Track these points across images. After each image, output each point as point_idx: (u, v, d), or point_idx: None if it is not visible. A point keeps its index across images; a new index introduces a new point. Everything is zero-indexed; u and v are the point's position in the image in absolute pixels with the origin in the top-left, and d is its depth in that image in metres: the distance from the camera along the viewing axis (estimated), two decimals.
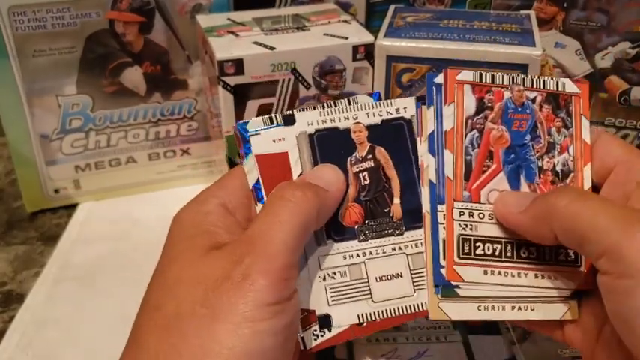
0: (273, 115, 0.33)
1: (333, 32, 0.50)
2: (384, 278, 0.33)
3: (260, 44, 0.48)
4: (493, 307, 0.33)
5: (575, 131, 0.34)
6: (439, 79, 0.33)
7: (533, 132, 0.34)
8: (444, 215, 0.33)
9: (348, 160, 0.33)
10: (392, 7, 0.54)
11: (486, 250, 0.33)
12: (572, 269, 0.33)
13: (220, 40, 0.49)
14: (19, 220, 0.57)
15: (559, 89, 0.34)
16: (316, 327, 0.32)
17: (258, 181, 0.33)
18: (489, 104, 0.33)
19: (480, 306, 0.33)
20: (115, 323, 0.45)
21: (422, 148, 0.33)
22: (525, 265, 0.33)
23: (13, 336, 0.44)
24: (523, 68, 0.44)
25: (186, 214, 0.32)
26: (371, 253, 0.33)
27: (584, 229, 0.27)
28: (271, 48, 0.48)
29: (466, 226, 0.33)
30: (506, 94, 0.33)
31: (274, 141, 0.33)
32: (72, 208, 0.58)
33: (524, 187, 0.33)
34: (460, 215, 0.33)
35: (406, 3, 0.60)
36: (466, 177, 0.33)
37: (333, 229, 0.33)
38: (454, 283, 0.32)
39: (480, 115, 0.33)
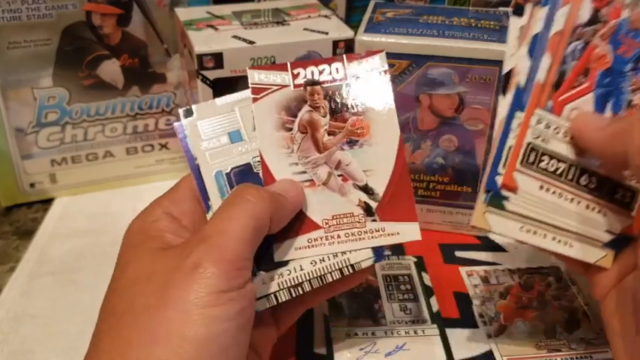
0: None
1: (313, 27, 0.50)
2: None
3: (240, 38, 0.48)
4: (535, 232, 0.33)
5: None
6: None
7: (637, 62, 0.33)
8: (520, 123, 0.32)
9: None
10: (372, 3, 0.54)
11: (549, 167, 0.33)
12: (623, 211, 0.33)
13: (199, 33, 0.48)
14: None
15: None
16: None
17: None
18: (604, 18, 0.32)
19: (522, 227, 0.33)
20: (92, 319, 0.44)
21: (521, 50, 0.33)
22: (581, 193, 0.33)
23: None
24: (501, 65, 0.45)
25: (134, 224, 0.33)
26: None
27: None
28: (251, 42, 0.47)
29: (539, 136, 0.33)
30: (625, 13, 0.33)
31: None
32: (48, 202, 0.57)
33: (608, 114, 0.33)
34: (537, 122, 0.32)
35: None
36: (556, 86, 0.32)
37: None
38: (505, 194, 0.32)
39: (591, 27, 0.32)
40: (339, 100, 0.36)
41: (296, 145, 0.36)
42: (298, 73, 0.36)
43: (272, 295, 0.33)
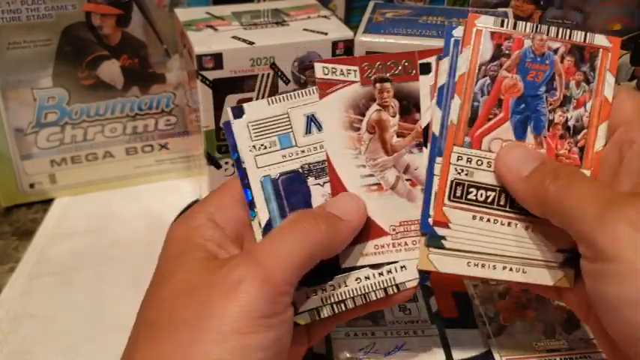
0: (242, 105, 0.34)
1: (312, 27, 0.50)
2: None
3: (239, 39, 0.48)
4: (484, 265, 0.33)
5: (597, 86, 0.33)
6: (458, 32, 0.33)
7: (549, 83, 0.33)
8: (441, 166, 0.33)
9: None
10: (371, 3, 0.54)
11: (479, 197, 0.33)
12: (562, 231, 0.32)
13: (199, 34, 0.48)
14: None
15: (587, 41, 0.33)
16: None
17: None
18: (507, 51, 0.33)
19: (469, 262, 0.33)
20: (92, 319, 0.44)
21: (432, 104, 0.33)
22: (517, 216, 0.33)
23: None
24: None
25: (177, 230, 0.32)
26: None
27: (567, 216, 0.28)
28: (250, 42, 0.47)
29: (462, 170, 0.33)
30: (527, 42, 0.33)
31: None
32: (48, 202, 0.57)
33: (530, 139, 0.33)
34: (458, 160, 0.33)
35: None
36: (470, 123, 0.33)
37: None
38: (440, 233, 0.32)
39: (495, 62, 0.33)
40: (409, 99, 0.35)
41: (364, 146, 0.34)
42: (367, 69, 0.34)
43: (315, 310, 0.33)
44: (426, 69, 0.34)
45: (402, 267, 0.34)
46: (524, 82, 0.33)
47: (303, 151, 0.34)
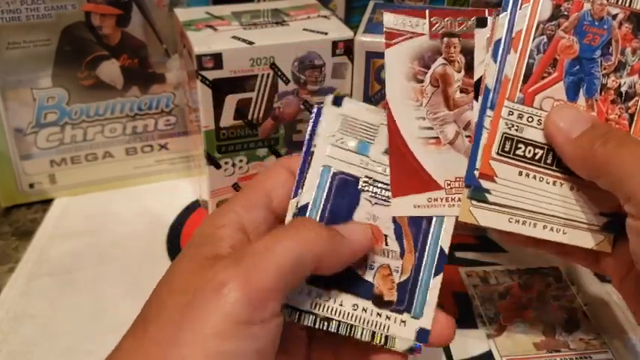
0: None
1: (312, 27, 0.50)
2: None
3: (239, 38, 0.48)
4: (524, 222, 0.33)
5: None
6: None
7: (605, 48, 0.33)
8: (491, 119, 0.33)
9: None
10: (371, 3, 0.54)
11: (527, 153, 0.33)
12: (608, 193, 0.31)
13: (199, 34, 0.48)
14: None
15: None
16: None
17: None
18: (565, 13, 0.33)
19: (511, 218, 0.33)
20: (92, 319, 0.44)
21: (486, 57, 0.34)
22: (563, 176, 0.33)
23: None
24: None
25: (202, 226, 0.31)
26: None
27: (615, 177, 0.29)
28: (250, 42, 0.47)
29: (512, 125, 0.33)
30: (586, 5, 0.33)
31: None
32: (47, 202, 0.57)
33: (582, 101, 0.33)
34: (509, 114, 0.33)
35: None
36: (524, 79, 0.33)
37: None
38: (485, 186, 0.33)
39: (553, 22, 0.33)
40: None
41: (425, 98, 0.34)
42: (436, 22, 0.34)
43: (297, 312, 0.31)
44: (482, 23, 0.34)
45: (402, 321, 0.32)
46: (581, 44, 0.33)
47: (373, 164, 0.34)
